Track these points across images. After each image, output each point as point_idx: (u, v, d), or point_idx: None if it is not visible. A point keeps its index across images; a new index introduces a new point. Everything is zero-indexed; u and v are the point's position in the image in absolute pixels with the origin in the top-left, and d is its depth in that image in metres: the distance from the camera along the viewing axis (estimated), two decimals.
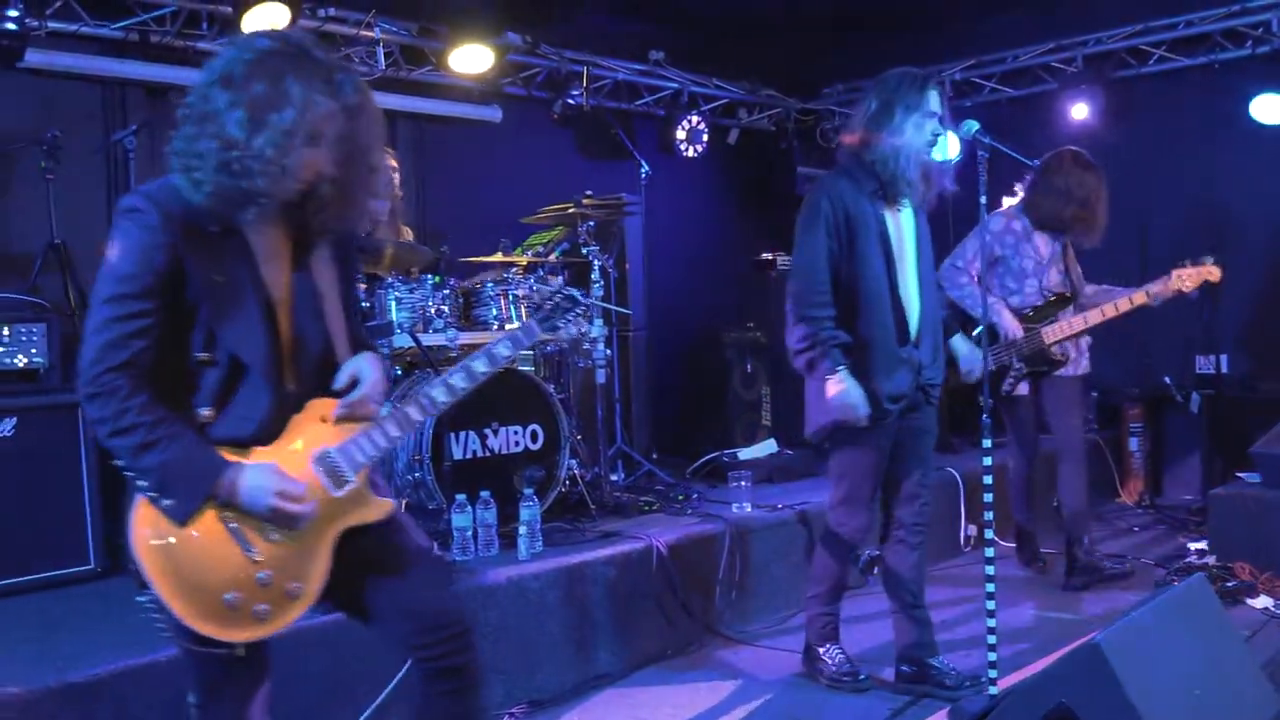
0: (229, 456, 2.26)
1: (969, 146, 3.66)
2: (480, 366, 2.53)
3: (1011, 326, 5.20)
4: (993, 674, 3.57)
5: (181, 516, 2.21)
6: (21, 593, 4.03)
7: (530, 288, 5.17)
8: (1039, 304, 5.29)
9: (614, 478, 5.85)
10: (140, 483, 2.20)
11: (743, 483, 5.37)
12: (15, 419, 4.12)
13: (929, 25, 7.91)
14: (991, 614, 3.55)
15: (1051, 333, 5.22)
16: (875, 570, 4.75)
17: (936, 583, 5.54)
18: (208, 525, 2.24)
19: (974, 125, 3.66)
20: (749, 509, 5.25)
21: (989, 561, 3.55)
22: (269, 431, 2.33)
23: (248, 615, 2.26)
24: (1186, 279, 5.10)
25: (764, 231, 8.45)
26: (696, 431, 6.88)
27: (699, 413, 6.97)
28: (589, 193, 5.78)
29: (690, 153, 7.90)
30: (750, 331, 6.96)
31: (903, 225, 3.92)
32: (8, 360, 4.23)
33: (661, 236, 7.22)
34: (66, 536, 4.20)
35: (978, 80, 8.26)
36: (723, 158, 8.52)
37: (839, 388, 3.79)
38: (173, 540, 2.22)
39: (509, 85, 7.03)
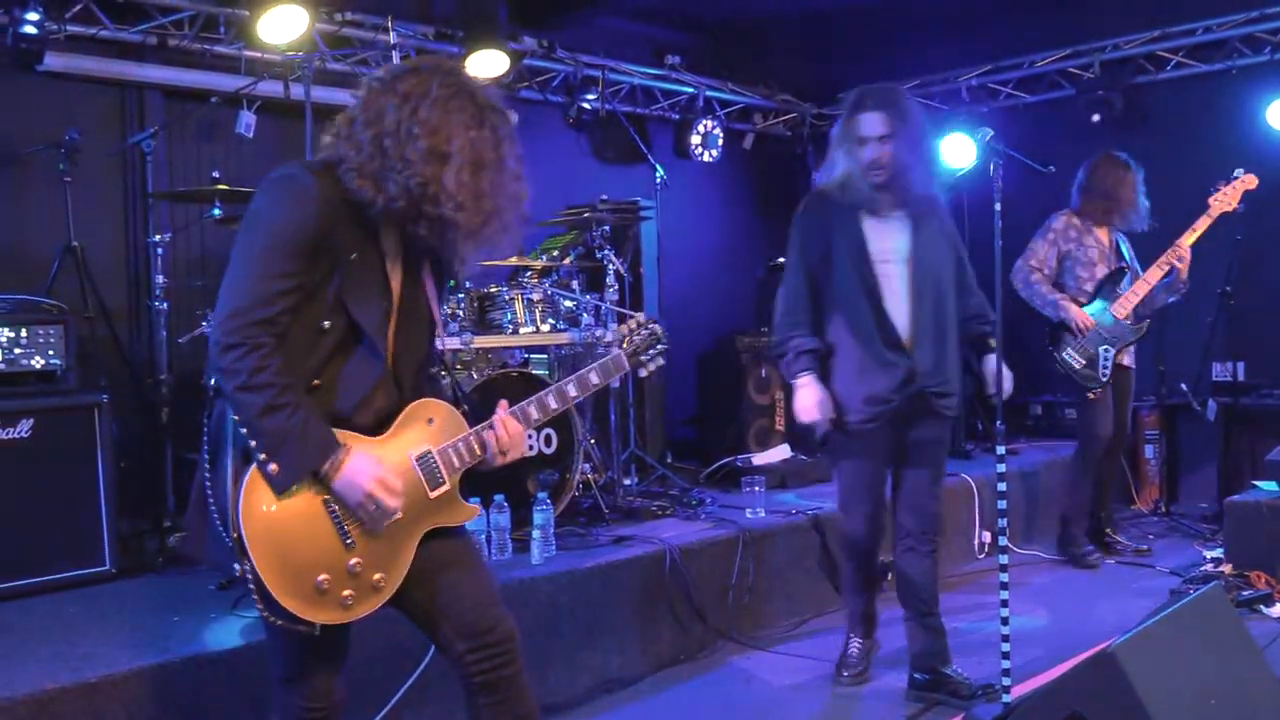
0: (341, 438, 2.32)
1: (985, 153, 3.66)
2: (573, 390, 2.67)
3: (1079, 317, 5.65)
4: (1006, 681, 3.56)
5: (283, 486, 2.24)
6: (37, 593, 4.05)
7: (545, 291, 5.19)
8: (1098, 290, 5.73)
9: (627, 482, 5.85)
10: (252, 442, 2.22)
11: (756, 487, 5.38)
12: (32, 420, 4.14)
13: (945, 31, 7.90)
14: (1005, 621, 3.54)
15: (1120, 307, 5.64)
16: (889, 576, 4.72)
17: (951, 589, 5.54)
18: (310, 505, 2.29)
19: (988, 132, 3.66)
20: (763, 513, 5.25)
21: (1003, 569, 3.55)
22: (370, 412, 2.38)
23: (335, 600, 2.31)
24: (1227, 199, 5.54)
25: (778, 237, 8.36)
26: (710, 436, 6.88)
27: (713, 417, 6.96)
28: (604, 197, 5.79)
29: (705, 157, 7.91)
30: (764, 336, 6.94)
31: (891, 234, 3.90)
32: (25, 361, 4.25)
33: (676, 241, 7.23)
34: (82, 537, 4.22)
35: (994, 86, 8.24)
36: (738, 163, 8.52)
37: (798, 392, 3.91)
38: (275, 509, 2.25)
39: (524, 89, 7.04)
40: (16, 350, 4.23)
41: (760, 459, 6.32)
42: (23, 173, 5.30)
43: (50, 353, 4.31)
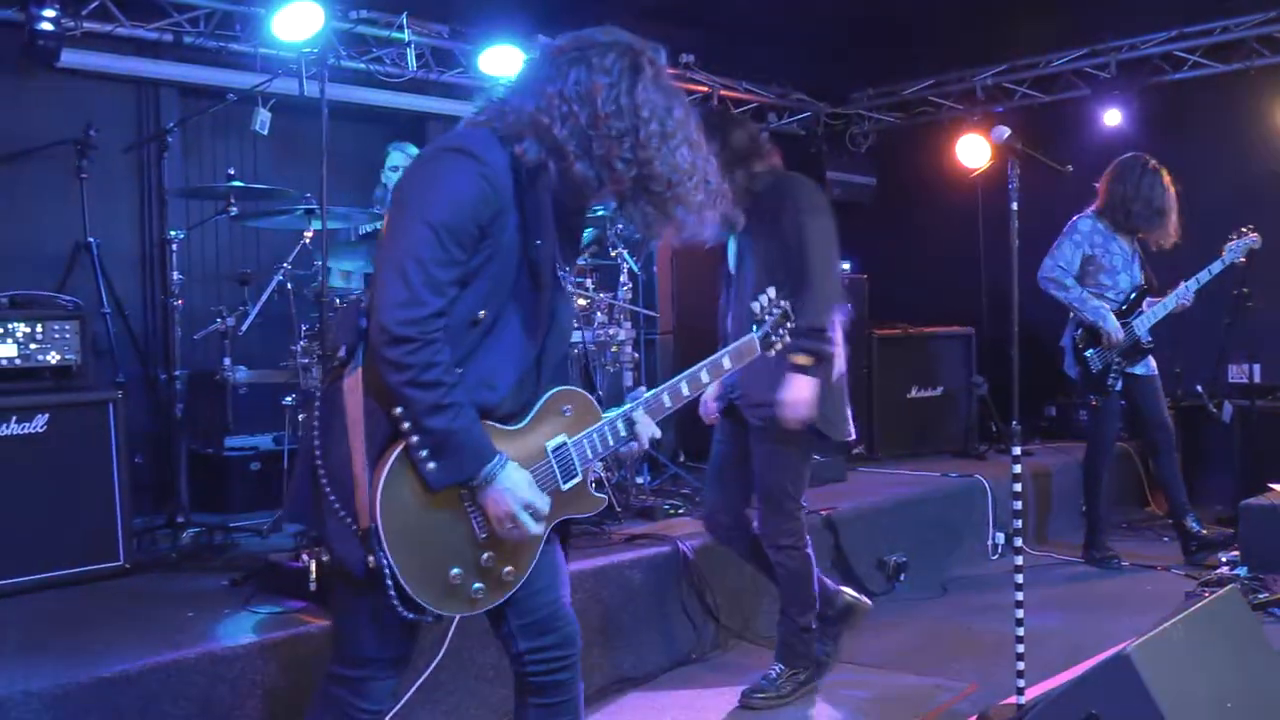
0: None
1: (1000, 153, 3.65)
2: (705, 376, 2.64)
3: (1115, 329, 5.64)
4: (1020, 683, 3.55)
5: (438, 485, 2.20)
6: (52, 588, 4.06)
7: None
8: (1128, 299, 5.73)
9: (640, 480, 5.85)
10: (414, 438, 2.17)
11: None
12: (47, 415, 4.15)
13: (959, 29, 7.88)
14: (1020, 622, 3.53)
15: (1142, 324, 5.68)
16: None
17: (965, 590, 5.53)
18: (451, 501, 2.26)
19: (1005, 131, 3.65)
20: None
21: (1017, 569, 3.54)
22: (511, 403, 2.33)
23: (464, 594, 2.30)
24: (1236, 252, 5.73)
25: None
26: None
27: None
28: None
29: None
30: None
31: (731, 250, 4.13)
32: (40, 357, 4.27)
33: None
34: (96, 533, 4.23)
35: (1009, 85, 8.22)
36: None
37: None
38: (417, 504, 2.22)
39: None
40: (32, 345, 4.25)
41: None
42: (39, 169, 5.34)
43: (65, 348, 4.32)
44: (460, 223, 2.16)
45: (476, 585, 2.30)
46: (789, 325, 2.82)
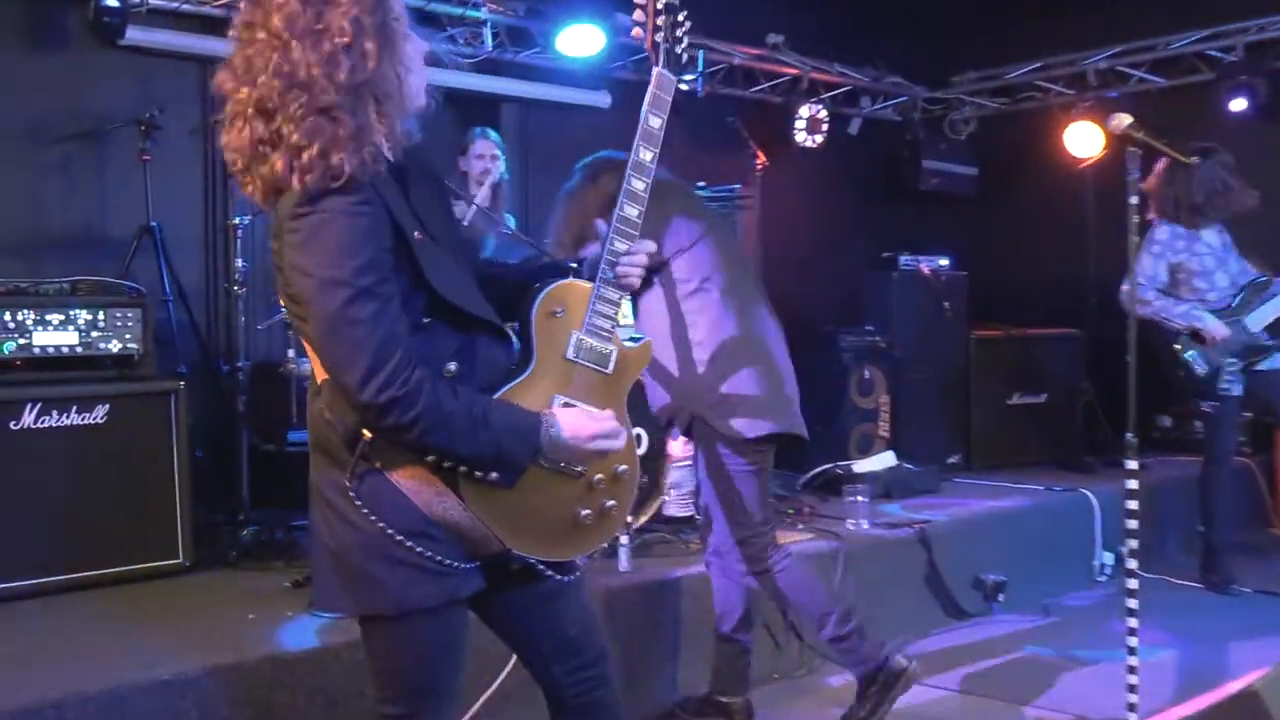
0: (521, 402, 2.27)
1: (1116, 142, 3.57)
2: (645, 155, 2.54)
3: (1215, 327, 5.45)
4: (1131, 717, 3.47)
5: (512, 481, 2.21)
6: (109, 585, 4.16)
7: None
8: (1237, 295, 5.56)
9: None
10: (477, 473, 2.17)
11: (858, 497, 5.33)
12: (108, 405, 4.24)
13: (1070, 9, 7.73)
14: (1132, 650, 3.45)
15: (1255, 319, 5.51)
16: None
17: (1069, 613, 5.43)
18: (533, 473, 2.27)
19: (1125, 119, 3.56)
20: (865, 526, 5.21)
21: (1130, 593, 3.46)
22: (513, 364, 2.34)
23: (603, 515, 2.38)
24: None
25: (886, 229, 8.35)
26: (808, 441, 6.81)
27: (812, 421, 6.87)
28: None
29: (808, 143, 7.83)
30: (869, 335, 6.88)
31: None
32: (102, 345, 4.36)
33: (775, 231, 7.17)
34: (156, 529, 4.32)
35: (1124, 69, 8.03)
36: (843, 149, 8.42)
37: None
38: (504, 497, 2.23)
39: (618, 69, 7.04)
40: (94, 333, 4.35)
41: (862, 466, 6.26)
42: (103, 150, 5.43)
43: (127, 336, 4.41)
44: (356, 261, 2.05)
45: (607, 502, 2.38)
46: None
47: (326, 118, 2.05)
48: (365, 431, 2.14)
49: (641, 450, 4.87)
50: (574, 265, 2.49)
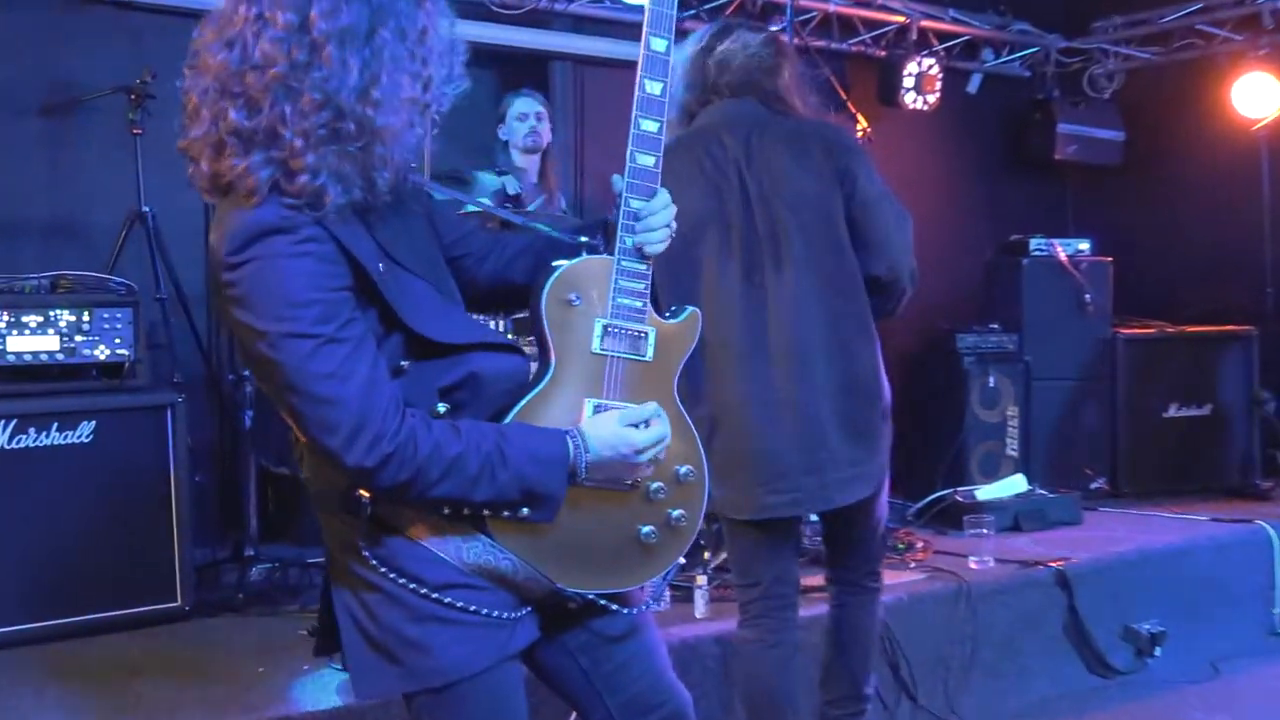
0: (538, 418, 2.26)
1: None
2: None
3: None
4: None
5: (551, 516, 2.22)
6: (98, 632, 4.22)
7: None
8: None
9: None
10: (485, 513, 2.18)
11: (983, 530, 5.30)
12: (94, 423, 4.31)
13: None
14: None
15: None
16: None
17: (1242, 672, 5.35)
18: (569, 501, 2.26)
19: None
20: (991, 563, 5.18)
21: None
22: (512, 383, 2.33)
23: (671, 530, 2.38)
24: None
25: (1013, 207, 8.27)
26: (921, 462, 6.77)
27: (925, 438, 6.85)
28: None
29: (919, 105, 7.78)
30: (994, 334, 6.82)
31: None
32: (87, 351, 4.42)
33: None
34: (150, 567, 4.39)
35: None
36: (961, 111, 8.37)
37: None
38: (548, 533, 2.24)
39: (689, 19, 7.05)
40: (78, 337, 4.41)
41: (987, 493, 6.21)
42: (87, 122, 5.49)
43: (117, 341, 4.48)
44: (332, 307, 2.07)
45: (675, 512, 2.37)
46: None
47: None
48: (362, 491, 2.15)
49: None
50: (584, 239, 2.46)
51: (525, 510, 2.18)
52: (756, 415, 3.38)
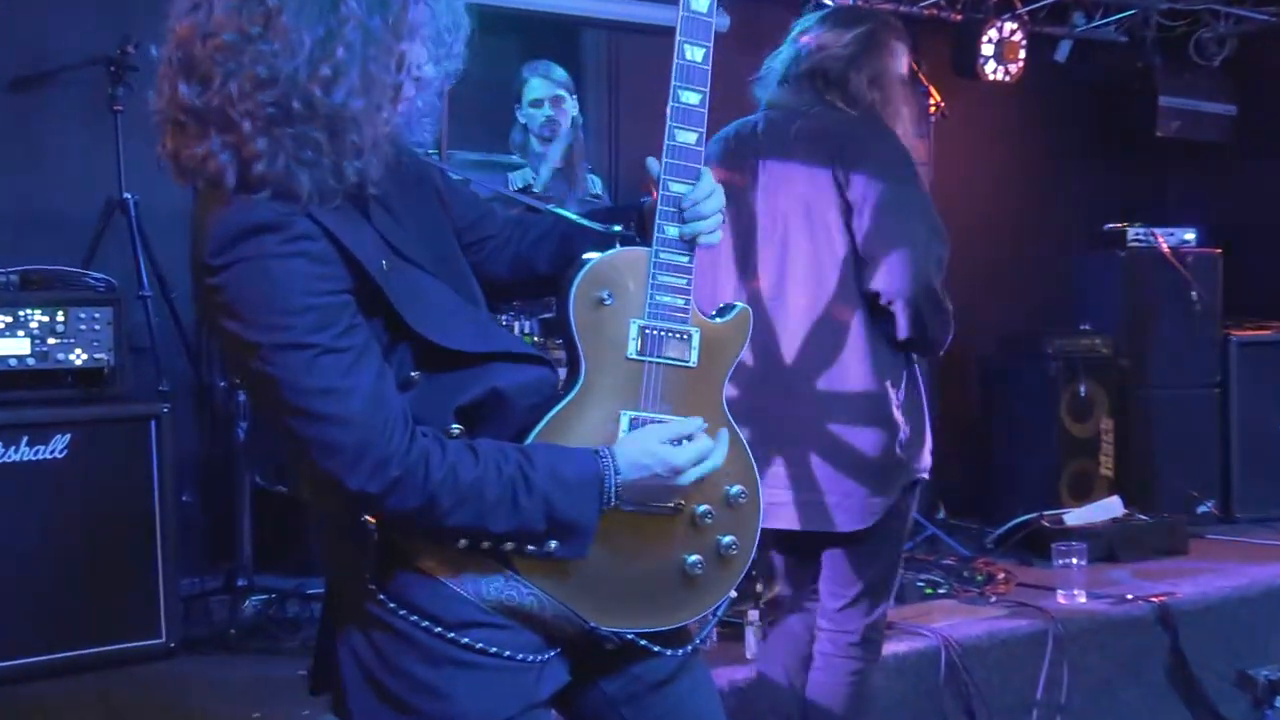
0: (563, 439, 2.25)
1: None
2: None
3: None
4: None
5: (580, 553, 2.20)
6: (74, 671, 4.23)
7: None
8: None
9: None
10: (508, 546, 2.16)
11: (1073, 560, 5.28)
12: (69, 436, 4.32)
13: None
14: None
15: None
16: None
17: None
18: (605, 530, 2.25)
19: None
20: (1082, 598, 5.18)
21: None
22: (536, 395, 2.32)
23: (721, 560, 2.36)
24: None
25: (1108, 191, 8.23)
26: (1002, 482, 6.76)
27: (1006, 454, 6.85)
28: None
29: (1000, 75, 7.76)
30: (1086, 336, 6.80)
31: None
32: (62, 356, 4.44)
33: (954, 195, 7.10)
34: (131, 598, 4.40)
35: None
36: (1048, 83, 8.34)
37: None
38: (581, 568, 2.23)
39: None
40: (51, 340, 4.43)
41: (1078, 517, 6.19)
42: (61, 98, 5.53)
43: (95, 344, 4.49)
44: (329, 316, 2.06)
45: (725, 539, 2.36)
46: None
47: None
48: (369, 518, 2.12)
49: None
50: (616, 228, 2.44)
51: (553, 544, 2.16)
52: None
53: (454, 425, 2.17)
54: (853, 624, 3.69)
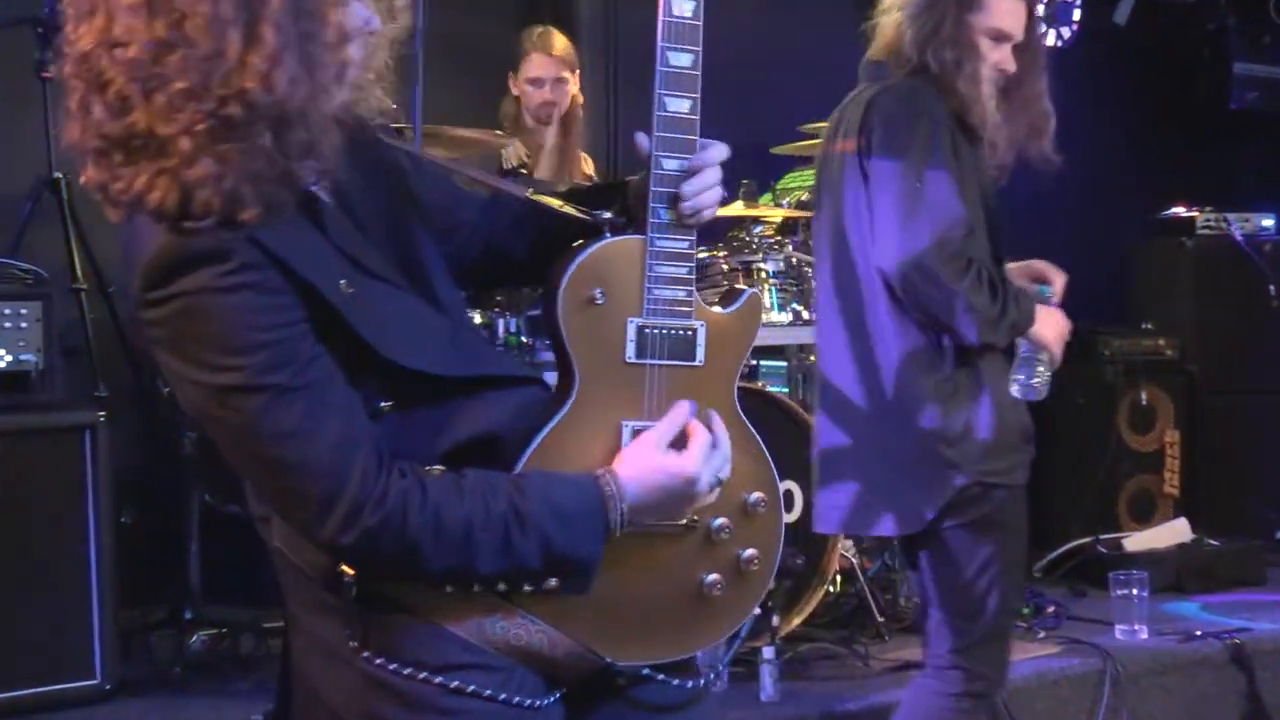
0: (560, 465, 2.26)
1: None
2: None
3: None
4: None
5: (582, 589, 2.20)
6: None
7: (786, 258, 5.18)
8: None
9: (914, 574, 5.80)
10: (501, 587, 2.17)
11: (1133, 590, 5.28)
12: None
13: None
14: None
15: None
16: None
17: None
18: (610, 559, 2.24)
19: None
20: (1144, 634, 5.18)
21: None
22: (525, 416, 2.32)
23: (740, 576, 2.38)
24: None
25: (1173, 172, 8.23)
26: (1052, 502, 6.76)
27: (1057, 471, 6.84)
28: None
29: (1054, 41, 7.77)
30: (1148, 336, 6.81)
31: None
32: None
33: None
34: (61, 634, 4.39)
35: None
36: (1107, 49, 8.35)
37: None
38: (591, 603, 2.24)
39: None
40: None
41: (1140, 543, 6.20)
42: None
43: (21, 344, 4.49)
44: (289, 337, 2.04)
45: (745, 552, 2.37)
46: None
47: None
48: (345, 569, 2.11)
49: (793, 515, 4.85)
50: (606, 216, 2.43)
51: (552, 581, 2.16)
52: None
53: (435, 466, 2.16)
54: (939, 646, 3.74)
